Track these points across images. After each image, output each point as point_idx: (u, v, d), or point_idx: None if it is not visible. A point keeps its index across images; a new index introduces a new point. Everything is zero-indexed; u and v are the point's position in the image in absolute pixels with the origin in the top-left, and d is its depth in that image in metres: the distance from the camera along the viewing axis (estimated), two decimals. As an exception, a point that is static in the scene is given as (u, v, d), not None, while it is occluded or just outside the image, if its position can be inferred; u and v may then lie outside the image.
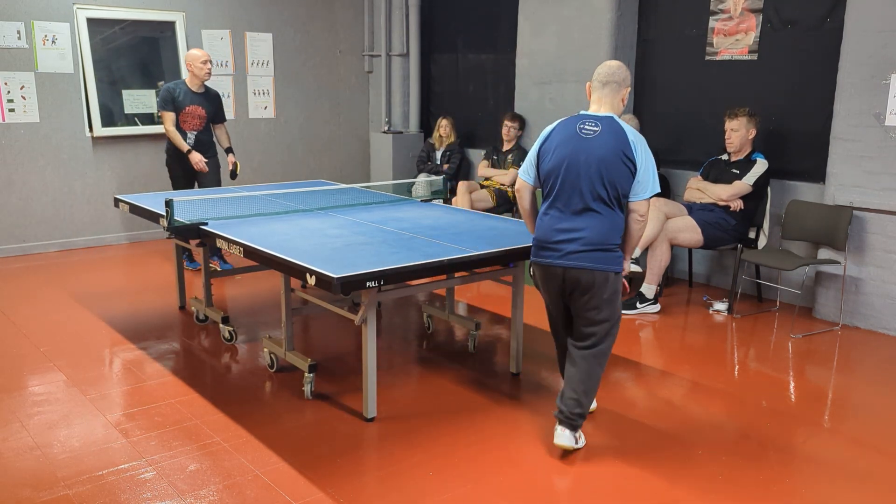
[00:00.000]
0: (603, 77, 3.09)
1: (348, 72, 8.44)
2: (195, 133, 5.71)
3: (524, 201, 3.28)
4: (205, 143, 5.78)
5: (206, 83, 5.75)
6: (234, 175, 5.95)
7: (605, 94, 3.09)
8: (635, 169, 3.01)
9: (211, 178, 5.78)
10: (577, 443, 3.13)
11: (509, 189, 6.55)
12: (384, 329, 4.81)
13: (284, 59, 7.92)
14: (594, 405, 3.52)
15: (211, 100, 5.79)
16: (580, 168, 2.99)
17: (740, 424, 3.48)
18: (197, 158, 5.63)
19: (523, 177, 3.22)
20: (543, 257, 3.11)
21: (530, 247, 3.64)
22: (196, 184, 5.82)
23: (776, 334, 4.76)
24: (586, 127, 3.03)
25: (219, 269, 5.64)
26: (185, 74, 5.77)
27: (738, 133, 5.09)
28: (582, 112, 3.12)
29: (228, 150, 6.02)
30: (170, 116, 5.58)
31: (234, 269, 5.00)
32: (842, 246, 4.79)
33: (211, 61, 5.71)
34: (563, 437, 3.10)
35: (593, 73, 3.14)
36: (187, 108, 5.63)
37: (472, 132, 7.68)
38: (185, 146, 5.61)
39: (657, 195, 3.39)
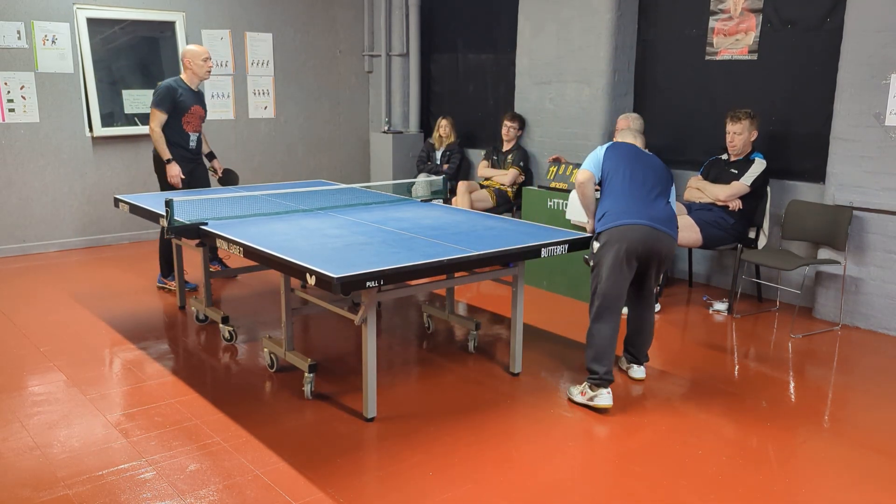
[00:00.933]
0: (635, 127, 4.21)
1: (348, 72, 8.44)
2: (197, 135, 5.43)
3: (587, 189, 3.91)
4: (200, 146, 5.53)
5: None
6: (232, 180, 5.68)
7: (637, 140, 4.07)
8: (671, 179, 3.89)
9: (205, 185, 5.51)
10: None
11: (509, 189, 6.55)
12: (384, 329, 4.81)
13: (284, 59, 7.92)
14: None
15: (203, 99, 5.54)
16: (644, 169, 3.82)
17: (740, 424, 3.48)
18: (175, 172, 5.19)
19: (590, 168, 3.86)
20: (628, 218, 3.59)
21: (531, 246, 3.67)
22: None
23: (776, 334, 4.76)
24: (641, 149, 3.98)
25: (219, 269, 5.61)
26: (181, 72, 5.38)
27: (740, 136, 5.07)
28: (625, 142, 3.96)
29: (212, 156, 5.68)
30: (162, 117, 5.18)
31: (234, 269, 5.00)
32: (842, 246, 4.79)
33: (211, 58, 5.43)
34: (639, 371, 3.98)
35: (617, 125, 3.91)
36: (192, 108, 5.33)
37: (472, 132, 7.69)
38: (167, 153, 5.19)
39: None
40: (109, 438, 3.27)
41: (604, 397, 3.55)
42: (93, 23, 6.69)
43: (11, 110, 6.40)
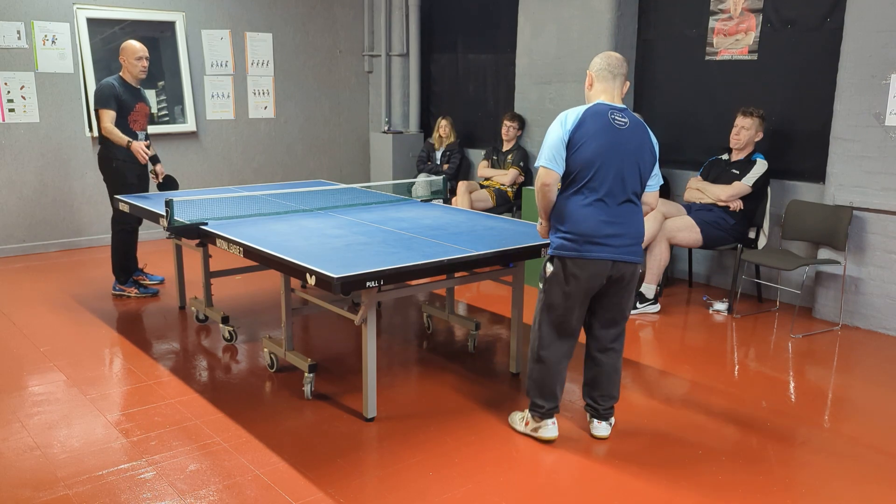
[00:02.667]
0: (614, 68, 3.09)
1: (348, 72, 8.44)
2: (145, 133, 5.22)
3: (551, 194, 3.07)
4: (149, 146, 5.18)
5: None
6: (171, 185, 5.34)
7: (616, 85, 3.11)
8: (655, 161, 3.15)
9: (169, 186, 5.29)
10: (611, 427, 3.35)
11: (509, 189, 6.55)
12: (384, 329, 4.81)
13: (284, 59, 7.92)
14: None
15: (146, 96, 5.29)
16: (623, 158, 3.01)
17: (740, 424, 3.48)
18: (139, 146, 4.96)
19: (553, 166, 3.00)
20: (591, 251, 3.00)
21: (531, 246, 3.66)
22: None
23: (776, 334, 4.76)
24: (617, 118, 3.04)
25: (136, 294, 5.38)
26: (121, 69, 5.12)
27: (748, 132, 5.09)
28: (602, 102, 3.08)
29: (156, 160, 5.34)
30: (110, 115, 4.95)
31: (234, 269, 5.00)
32: (842, 246, 4.79)
33: (148, 58, 5.15)
34: (602, 428, 3.32)
35: (595, 61, 3.14)
36: (137, 105, 5.11)
37: (471, 132, 7.69)
38: (124, 138, 4.94)
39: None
40: (109, 438, 3.27)
41: (549, 429, 3.22)
42: (93, 23, 6.69)
43: (11, 110, 6.40)
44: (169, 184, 5.38)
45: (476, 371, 4.10)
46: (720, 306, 5.20)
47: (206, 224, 4.05)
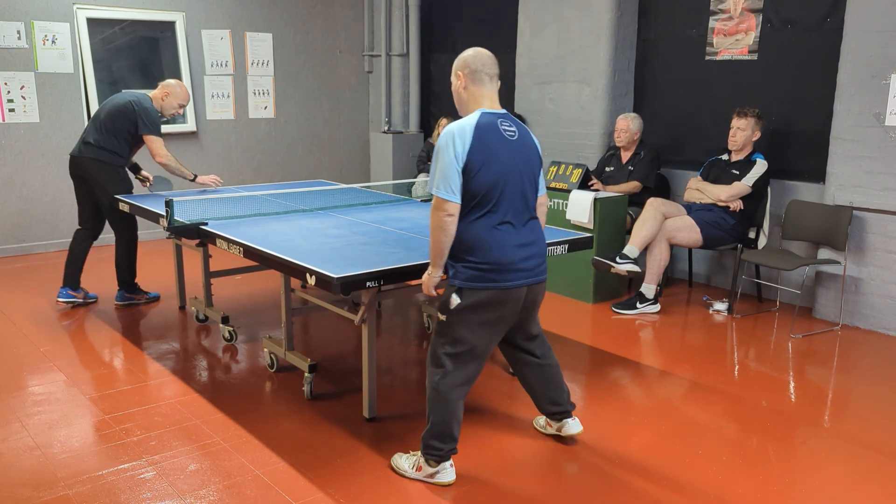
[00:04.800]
0: (489, 69, 2.80)
1: (348, 72, 8.44)
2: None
3: (454, 227, 2.71)
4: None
5: None
6: (163, 184, 5.28)
7: (494, 88, 2.84)
8: (541, 165, 2.94)
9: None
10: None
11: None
12: (384, 329, 4.81)
13: (284, 59, 7.92)
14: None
15: None
16: (522, 174, 2.78)
17: (740, 424, 3.48)
18: (206, 181, 5.15)
19: (452, 197, 2.66)
20: (509, 280, 2.76)
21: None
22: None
23: (776, 334, 4.76)
24: (506, 128, 2.77)
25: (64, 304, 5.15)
26: (149, 94, 5.01)
27: (743, 132, 5.09)
28: (486, 111, 2.78)
29: (137, 168, 5.32)
30: (162, 142, 4.93)
31: (234, 269, 5.00)
32: (842, 246, 4.79)
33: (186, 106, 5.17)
34: (576, 424, 3.24)
35: (467, 61, 2.81)
36: None
37: (472, 132, 7.67)
38: (190, 172, 5.07)
39: (656, 194, 3.36)
40: (109, 438, 3.27)
41: (447, 472, 2.91)
42: (93, 23, 6.69)
43: (11, 110, 6.40)
44: (160, 183, 5.27)
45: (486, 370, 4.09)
46: (720, 306, 5.20)
47: (206, 224, 4.05)
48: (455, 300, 2.77)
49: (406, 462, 3.00)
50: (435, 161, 2.72)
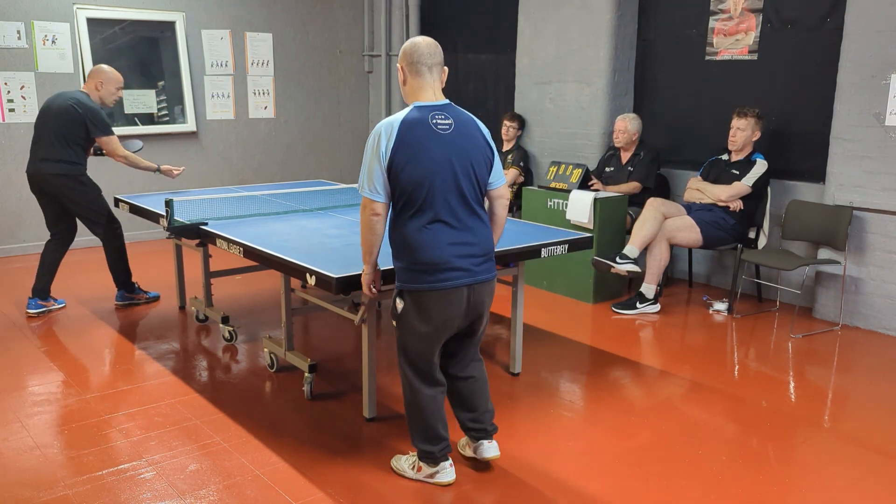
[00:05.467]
0: (427, 58, 2.71)
1: (348, 72, 8.44)
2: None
3: (380, 226, 2.68)
4: None
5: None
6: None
7: (434, 78, 2.75)
8: (493, 155, 2.79)
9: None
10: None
11: (509, 189, 6.54)
12: (384, 329, 4.81)
13: (284, 59, 7.92)
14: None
15: None
16: (455, 170, 2.65)
17: (740, 424, 3.48)
18: (167, 168, 5.02)
19: (376, 197, 2.63)
20: (446, 280, 2.66)
21: (531, 246, 3.66)
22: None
23: (776, 334, 4.76)
24: (439, 122, 2.66)
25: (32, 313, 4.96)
26: (81, 87, 4.90)
27: (743, 133, 5.09)
28: (419, 104, 2.71)
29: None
30: (116, 140, 4.77)
31: (234, 269, 5.00)
32: (842, 246, 4.79)
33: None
34: (493, 448, 3.02)
35: (405, 52, 2.74)
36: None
37: (472, 132, 7.67)
38: (153, 164, 4.96)
39: (656, 194, 3.33)
40: (110, 438, 3.27)
41: (447, 472, 2.88)
42: (93, 23, 6.69)
43: (11, 110, 6.40)
44: (129, 145, 5.07)
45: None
46: (720, 306, 5.20)
47: (206, 224, 4.05)
48: (399, 303, 2.76)
49: (405, 462, 2.98)
50: (363, 160, 2.71)
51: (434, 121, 2.68)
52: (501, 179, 2.86)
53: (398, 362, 2.90)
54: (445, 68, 2.81)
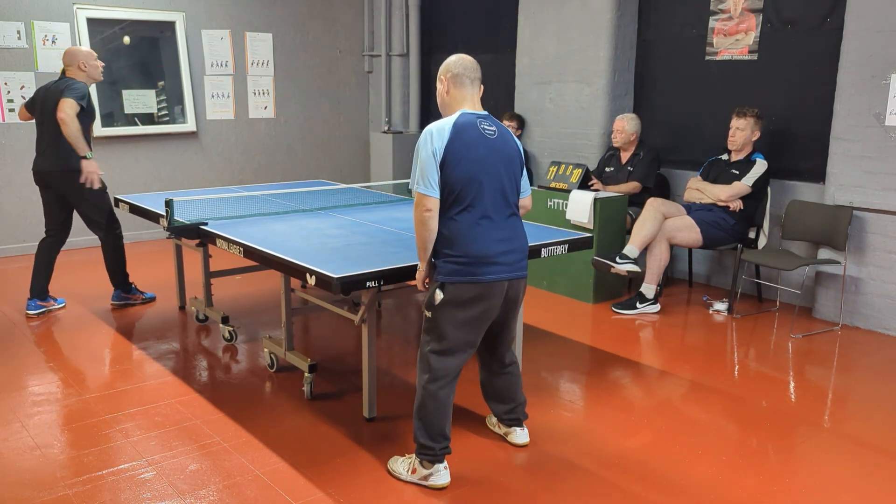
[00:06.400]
0: (471, 73, 2.91)
1: (348, 72, 8.44)
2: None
3: (434, 222, 2.78)
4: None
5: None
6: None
7: (475, 91, 2.94)
8: (523, 167, 2.99)
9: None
10: None
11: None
12: (384, 329, 4.81)
13: (284, 59, 7.92)
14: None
15: None
16: (501, 172, 2.84)
17: (740, 424, 3.48)
18: (93, 168, 4.67)
19: (431, 192, 2.75)
20: (488, 273, 2.80)
21: (531, 246, 3.64)
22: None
23: (776, 334, 4.76)
24: (486, 128, 2.85)
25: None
26: (67, 75, 4.77)
27: (742, 133, 5.09)
28: (466, 111, 2.87)
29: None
30: (76, 107, 4.54)
31: (234, 270, 5.00)
32: (842, 246, 4.79)
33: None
34: (524, 434, 3.25)
35: (449, 66, 2.92)
36: (93, 114, 4.90)
37: (472, 132, 7.67)
38: (85, 148, 4.63)
39: (656, 194, 3.35)
40: (110, 438, 3.27)
41: (441, 475, 2.90)
42: (93, 23, 6.69)
43: (11, 110, 6.40)
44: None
45: (475, 371, 4.07)
46: (720, 306, 5.20)
47: (206, 224, 4.05)
48: (438, 295, 2.82)
49: (402, 465, 2.99)
50: (415, 159, 2.81)
51: (482, 126, 2.85)
52: (527, 191, 3.05)
53: (421, 354, 2.93)
54: (482, 85, 2.99)
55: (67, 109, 4.52)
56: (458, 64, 2.91)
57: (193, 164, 7.43)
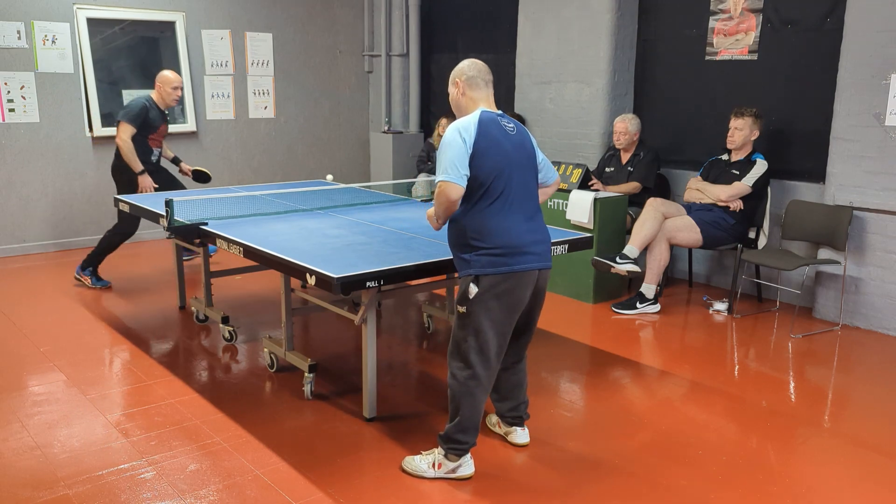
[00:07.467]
0: (485, 75, 3.03)
1: (348, 72, 8.44)
2: (159, 150, 5.63)
3: (455, 206, 2.82)
4: (160, 158, 5.70)
5: None
6: (204, 178, 5.96)
7: (490, 92, 3.04)
8: (538, 159, 3.07)
9: (172, 186, 5.67)
10: None
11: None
12: (384, 329, 4.81)
13: (284, 59, 7.92)
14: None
15: (167, 118, 5.71)
16: (525, 165, 2.93)
17: (740, 424, 3.48)
18: (148, 184, 5.39)
19: (459, 181, 2.75)
20: (521, 263, 2.84)
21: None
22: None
23: (776, 334, 4.76)
24: (506, 125, 2.94)
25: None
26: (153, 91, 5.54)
27: (741, 132, 5.09)
28: (485, 109, 2.94)
29: (178, 160, 5.95)
30: (132, 131, 5.32)
31: (234, 269, 5.00)
32: (842, 246, 4.79)
33: (182, 88, 5.65)
34: (525, 434, 3.26)
35: (463, 69, 3.04)
36: (161, 126, 5.53)
37: (472, 132, 7.67)
38: (139, 165, 5.37)
39: (656, 194, 3.36)
40: (109, 438, 3.27)
41: (468, 465, 2.97)
42: (93, 23, 6.69)
43: (11, 110, 6.40)
44: (201, 176, 5.89)
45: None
46: (720, 306, 5.20)
47: (206, 224, 4.05)
48: (473, 289, 2.82)
49: (423, 462, 2.99)
50: (442, 154, 2.79)
51: (502, 122, 2.93)
52: (554, 175, 3.16)
53: (456, 350, 2.91)
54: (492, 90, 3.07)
55: (121, 133, 5.35)
56: (472, 67, 3.03)
57: (193, 164, 7.41)
